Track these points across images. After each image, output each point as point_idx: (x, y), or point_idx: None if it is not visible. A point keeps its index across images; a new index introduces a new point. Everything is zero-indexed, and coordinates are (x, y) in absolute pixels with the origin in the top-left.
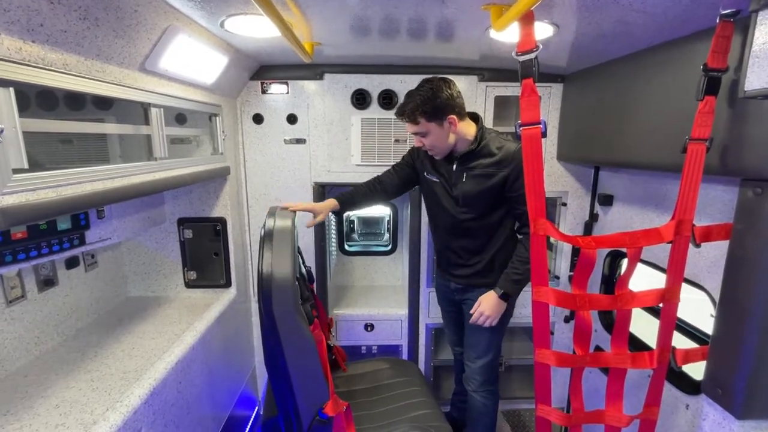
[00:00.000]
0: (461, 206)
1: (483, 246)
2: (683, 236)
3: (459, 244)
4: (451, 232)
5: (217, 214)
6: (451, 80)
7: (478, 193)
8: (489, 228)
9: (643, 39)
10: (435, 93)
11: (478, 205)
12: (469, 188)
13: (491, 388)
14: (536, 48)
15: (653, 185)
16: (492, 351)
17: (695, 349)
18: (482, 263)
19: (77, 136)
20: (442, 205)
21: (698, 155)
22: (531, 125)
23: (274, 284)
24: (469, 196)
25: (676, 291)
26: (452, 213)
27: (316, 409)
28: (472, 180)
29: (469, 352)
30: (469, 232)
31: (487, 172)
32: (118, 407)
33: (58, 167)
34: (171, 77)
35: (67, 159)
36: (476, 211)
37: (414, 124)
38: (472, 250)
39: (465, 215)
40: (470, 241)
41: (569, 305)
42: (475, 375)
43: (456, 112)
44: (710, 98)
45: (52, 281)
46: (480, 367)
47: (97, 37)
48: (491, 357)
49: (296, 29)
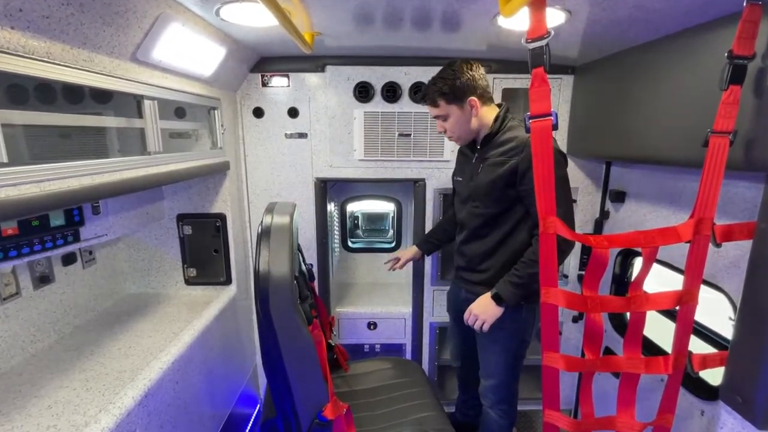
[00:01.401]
0: (473, 201)
1: (494, 251)
2: (703, 235)
3: (470, 246)
4: (463, 232)
5: (217, 210)
6: (475, 62)
7: (486, 184)
8: (501, 230)
9: (661, 26)
10: (456, 74)
11: (487, 200)
12: (480, 180)
13: (506, 407)
14: (547, 34)
15: (668, 181)
16: (501, 375)
17: (713, 354)
18: (492, 271)
19: (76, 131)
20: (459, 204)
21: (721, 149)
22: (541, 117)
23: (271, 283)
24: (480, 188)
25: (695, 293)
26: (465, 210)
27: (315, 411)
28: (485, 170)
29: (482, 369)
30: (480, 231)
31: (498, 161)
32: (110, 409)
33: (44, 162)
34: (165, 68)
35: (65, 153)
36: (486, 206)
37: (434, 107)
38: (482, 254)
39: (476, 210)
40: (481, 243)
41: (580, 308)
42: (488, 393)
43: (478, 95)
44: (735, 88)
45: (48, 278)
46: (492, 386)
47: (83, 24)
48: (502, 379)
49: (295, 18)
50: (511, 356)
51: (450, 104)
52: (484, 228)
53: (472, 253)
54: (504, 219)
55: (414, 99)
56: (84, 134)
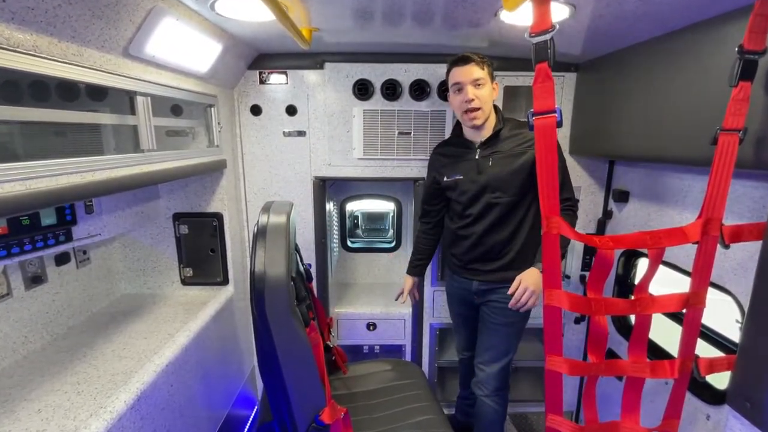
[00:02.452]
0: (492, 192)
1: (513, 235)
2: (711, 236)
3: (491, 235)
4: (483, 224)
5: (214, 209)
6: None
7: (508, 174)
8: (518, 215)
9: (668, 21)
10: (486, 59)
11: (509, 188)
12: (498, 170)
13: (503, 393)
14: (552, 28)
15: (672, 180)
16: (510, 353)
17: (720, 358)
18: (512, 253)
19: (71, 129)
20: (471, 199)
21: (730, 147)
22: (545, 114)
23: (267, 284)
24: (500, 179)
25: (702, 295)
26: (482, 202)
27: (312, 415)
28: (499, 162)
29: (485, 356)
30: (503, 219)
31: (515, 152)
32: (101, 413)
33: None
34: (159, 64)
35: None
36: (509, 195)
37: (481, 69)
38: (502, 240)
39: (499, 200)
40: (500, 231)
41: (584, 310)
42: (489, 380)
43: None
44: (745, 84)
45: (40, 278)
46: (496, 371)
47: (71, 16)
48: (508, 360)
49: (292, 13)
50: (518, 337)
51: (489, 76)
52: (506, 216)
53: (493, 241)
54: (522, 204)
55: (414, 97)
56: (78, 132)
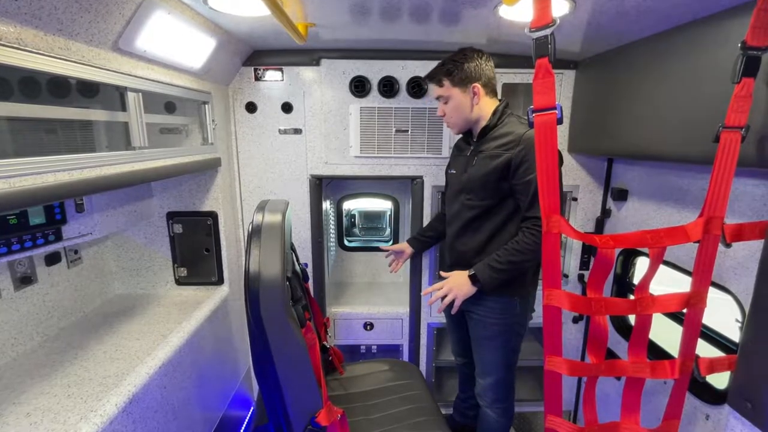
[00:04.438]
0: (466, 193)
1: (485, 245)
2: (712, 235)
3: (462, 240)
4: (455, 226)
5: (209, 207)
6: (487, 54)
7: (481, 176)
8: (493, 223)
9: (670, 17)
10: (466, 58)
11: (480, 191)
12: (474, 171)
13: (505, 405)
14: (553, 23)
15: (672, 179)
16: (500, 369)
17: (721, 358)
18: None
19: (62, 126)
20: (451, 197)
21: (732, 145)
22: (545, 111)
23: (261, 284)
24: (473, 180)
25: (703, 295)
26: (458, 202)
27: (308, 417)
28: (479, 163)
29: (478, 368)
30: (472, 224)
31: (494, 154)
32: (91, 417)
33: (16, 156)
34: (151, 59)
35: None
36: (479, 198)
37: (438, 86)
38: (475, 248)
39: (469, 202)
40: (472, 237)
41: (584, 310)
42: (486, 392)
43: (482, 83)
44: (748, 80)
45: (30, 279)
46: (490, 384)
47: (57, 9)
48: (500, 376)
49: (287, 7)
50: (507, 351)
51: (454, 87)
52: (476, 221)
53: (464, 247)
54: (495, 212)
55: (412, 94)
56: (69, 129)
